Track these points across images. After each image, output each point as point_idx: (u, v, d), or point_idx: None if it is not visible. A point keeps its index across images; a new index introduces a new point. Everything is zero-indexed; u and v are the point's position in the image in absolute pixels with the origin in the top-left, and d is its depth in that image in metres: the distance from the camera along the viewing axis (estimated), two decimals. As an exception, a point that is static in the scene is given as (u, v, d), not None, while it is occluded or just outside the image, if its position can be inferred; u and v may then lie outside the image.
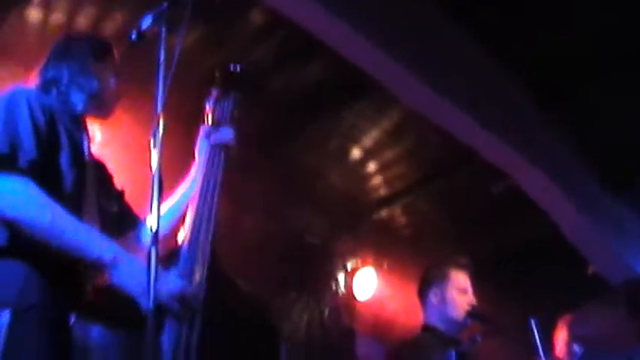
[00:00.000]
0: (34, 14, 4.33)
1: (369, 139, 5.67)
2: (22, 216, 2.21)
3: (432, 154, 5.86)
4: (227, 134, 2.70)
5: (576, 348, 4.86)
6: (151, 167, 2.10)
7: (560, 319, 4.59)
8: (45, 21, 4.36)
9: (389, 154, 5.86)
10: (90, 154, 2.61)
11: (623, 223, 6.13)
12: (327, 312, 6.32)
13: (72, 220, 2.26)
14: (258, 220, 5.84)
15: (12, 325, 2.11)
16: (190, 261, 2.34)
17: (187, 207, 2.65)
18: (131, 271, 2.20)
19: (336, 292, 6.43)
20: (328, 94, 5.13)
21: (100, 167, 2.75)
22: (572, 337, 3.54)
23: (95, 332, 2.25)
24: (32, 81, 2.67)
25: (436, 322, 3.89)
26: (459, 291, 3.89)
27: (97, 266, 2.24)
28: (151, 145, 2.13)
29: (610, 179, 5.90)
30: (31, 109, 2.36)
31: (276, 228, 5.95)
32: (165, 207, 2.60)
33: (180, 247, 2.44)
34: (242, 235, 5.74)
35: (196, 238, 2.39)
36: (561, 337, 4.73)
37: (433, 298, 3.90)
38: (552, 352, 5.15)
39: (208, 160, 2.65)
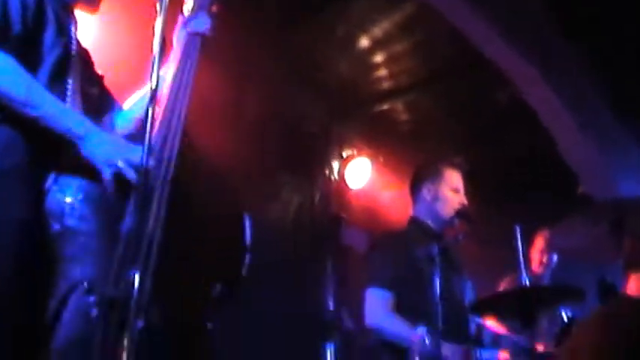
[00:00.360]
0: None
1: (379, 29, 5.58)
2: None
3: (442, 52, 5.81)
4: (204, 23, 2.70)
5: (553, 257, 5.02)
6: (154, 30, 2.13)
7: (538, 233, 4.71)
8: None
9: (397, 47, 5.79)
10: (75, 39, 2.61)
11: (619, 147, 6.15)
12: (317, 197, 6.40)
13: (48, 95, 2.32)
14: (260, 101, 5.84)
15: None
16: (160, 142, 2.33)
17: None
18: (99, 143, 2.29)
19: (329, 178, 6.48)
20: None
21: (83, 52, 2.74)
22: (553, 248, 3.64)
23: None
24: None
25: (424, 217, 4.04)
26: (452, 190, 4.01)
27: (68, 139, 2.30)
28: (157, 8, 2.17)
29: (618, 103, 5.87)
30: None
31: (277, 110, 5.96)
32: (141, 92, 2.70)
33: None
34: (243, 114, 5.76)
35: (169, 121, 2.39)
36: (537, 249, 4.86)
37: (426, 193, 4.03)
38: (529, 267, 5.32)
39: (184, 47, 2.64)
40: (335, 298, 5.55)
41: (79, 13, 2.71)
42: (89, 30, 3.20)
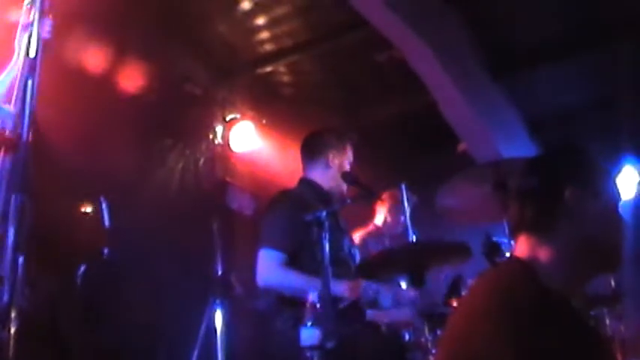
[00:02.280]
0: None
1: (261, -9, 5.54)
2: None
3: (323, 15, 5.82)
4: (43, 27, 2.68)
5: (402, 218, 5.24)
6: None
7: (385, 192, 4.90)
8: None
9: (279, 10, 5.76)
10: None
11: (498, 109, 6.38)
12: (202, 161, 6.35)
13: None
14: (137, 64, 5.70)
15: None
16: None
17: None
18: None
19: (213, 142, 6.43)
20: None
21: None
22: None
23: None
24: None
25: (318, 179, 4.14)
26: (349, 162, 4.17)
27: None
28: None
29: (493, 64, 6.08)
30: None
31: (156, 73, 5.83)
32: None
33: None
34: (122, 73, 5.61)
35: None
36: (384, 207, 5.05)
37: (330, 160, 4.14)
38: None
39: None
40: (223, 261, 5.58)
41: None
42: None
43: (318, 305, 3.10)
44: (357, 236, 5.33)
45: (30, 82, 2.24)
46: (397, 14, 5.21)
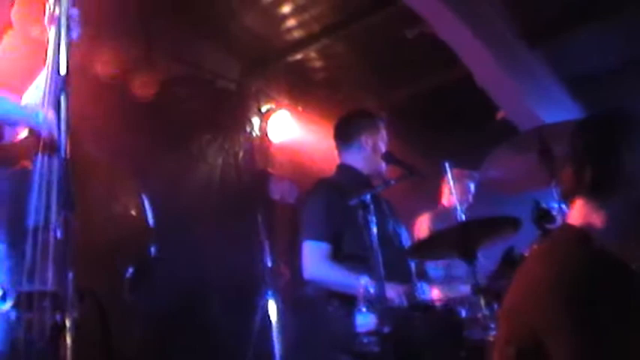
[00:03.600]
0: None
1: (284, -19, 5.53)
2: None
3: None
4: (72, 16, 2.71)
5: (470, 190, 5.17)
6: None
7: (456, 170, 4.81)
8: None
9: (304, -4, 5.74)
10: None
11: (539, 76, 6.26)
12: (241, 154, 6.35)
13: None
14: (169, 62, 5.72)
15: None
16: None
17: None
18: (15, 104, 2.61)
19: (251, 134, 6.43)
20: None
21: None
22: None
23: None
24: None
25: (357, 164, 4.09)
26: (383, 142, 4.10)
27: None
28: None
29: (532, 33, 5.96)
30: None
31: (189, 70, 5.86)
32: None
33: None
34: (154, 74, 5.63)
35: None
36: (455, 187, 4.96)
37: (364, 143, 4.09)
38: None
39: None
40: (269, 251, 5.59)
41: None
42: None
43: (370, 290, 3.08)
44: (426, 219, 5.27)
45: (62, 99, 2.24)
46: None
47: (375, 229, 3.26)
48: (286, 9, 5.83)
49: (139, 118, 5.08)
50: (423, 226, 5.22)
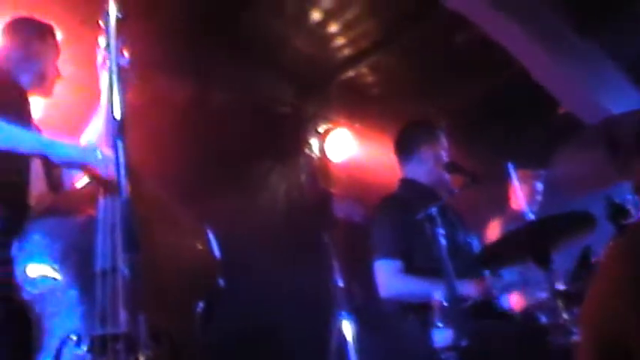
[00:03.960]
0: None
1: (328, -1, 5.52)
2: None
3: (394, 8, 5.74)
4: (122, 64, 2.73)
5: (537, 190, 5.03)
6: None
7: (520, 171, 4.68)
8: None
9: (350, 13, 5.71)
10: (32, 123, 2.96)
11: (595, 65, 6.09)
12: (303, 177, 6.36)
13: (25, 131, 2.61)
14: (224, 94, 5.78)
15: None
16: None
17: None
18: (71, 147, 2.65)
19: (310, 156, 6.42)
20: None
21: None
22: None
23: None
24: None
25: (419, 177, 4.05)
26: (445, 151, 4.06)
27: (40, 154, 2.61)
28: (102, 25, 2.43)
29: (582, 21, 5.82)
30: None
31: (244, 99, 5.90)
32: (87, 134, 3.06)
33: None
34: (211, 110, 5.71)
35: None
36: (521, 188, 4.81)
37: (424, 155, 4.05)
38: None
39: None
40: (339, 272, 5.55)
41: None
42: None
43: (445, 304, 3.02)
44: (497, 225, 5.16)
45: (119, 144, 2.29)
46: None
47: (444, 241, 3.21)
48: (333, 28, 5.82)
49: (198, 151, 5.14)
50: (494, 232, 5.11)
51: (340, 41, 6.00)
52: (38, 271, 2.42)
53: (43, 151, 2.59)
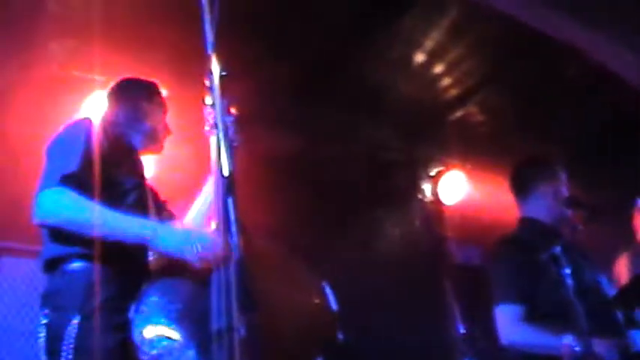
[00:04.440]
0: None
1: (431, 40, 5.46)
2: (62, 217, 2.59)
3: (498, 44, 5.63)
4: (228, 124, 2.72)
5: None
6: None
7: None
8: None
9: (454, 53, 5.65)
10: (145, 182, 3.05)
11: None
12: (417, 222, 6.28)
13: (110, 212, 2.61)
14: (332, 144, 5.80)
15: (81, 327, 2.50)
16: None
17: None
18: (170, 235, 2.62)
19: (423, 201, 6.35)
20: (379, 5, 4.96)
21: (152, 191, 3.17)
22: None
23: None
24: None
25: (538, 215, 3.87)
26: (564, 186, 3.89)
27: (141, 242, 2.62)
28: (207, 84, 2.41)
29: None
30: (88, 137, 2.74)
31: (352, 147, 5.90)
32: (194, 208, 3.14)
33: None
34: (319, 161, 5.73)
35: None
36: None
37: (544, 193, 3.87)
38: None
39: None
40: (461, 318, 5.40)
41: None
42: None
43: (576, 349, 2.85)
44: (624, 260, 4.91)
45: (230, 202, 2.27)
46: (576, 20, 4.94)
47: (571, 282, 3.05)
48: (438, 68, 5.76)
49: (308, 204, 5.14)
50: (622, 268, 4.85)
51: (446, 81, 5.93)
52: (155, 332, 2.43)
53: (144, 242, 2.64)
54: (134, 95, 3.21)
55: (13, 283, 4.35)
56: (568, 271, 3.07)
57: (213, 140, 2.79)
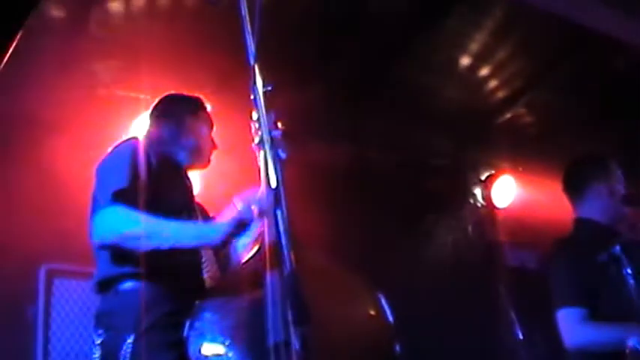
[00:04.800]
0: (115, 5, 4.39)
1: (476, 43, 5.40)
2: (120, 234, 2.57)
3: (544, 43, 5.54)
4: (275, 138, 2.69)
5: None
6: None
7: None
8: (127, 9, 4.42)
9: (500, 54, 5.58)
10: (193, 199, 3.05)
11: None
12: (470, 227, 6.22)
13: (164, 221, 2.59)
14: (382, 152, 5.79)
15: (136, 345, 2.52)
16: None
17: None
18: (227, 222, 2.61)
19: (475, 205, 6.30)
20: (424, 8, 4.93)
21: (201, 207, 3.16)
22: None
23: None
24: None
25: (594, 215, 3.78)
26: (621, 184, 3.79)
27: (203, 244, 2.67)
28: (252, 97, 2.38)
29: None
30: (135, 155, 2.74)
31: (402, 156, 5.87)
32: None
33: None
34: (369, 170, 5.71)
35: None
36: None
37: (599, 191, 3.78)
38: None
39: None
40: (518, 322, 5.32)
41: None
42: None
43: (640, 350, 2.77)
44: None
45: (279, 214, 2.25)
46: (619, 12, 4.85)
47: (632, 282, 2.97)
48: (485, 71, 5.69)
49: (359, 214, 5.13)
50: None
51: (493, 84, 5.86)
52: (211, 349, 2.41)
53: (201, 242, 2.66)
54: (178, 111, 3.21)
55: (66, 304, 4.39)
56: (629, 270, 3.00)
57: (260, 154, 2.79)
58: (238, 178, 4.27)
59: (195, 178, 3.32)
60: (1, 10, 2.17)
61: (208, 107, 3.33)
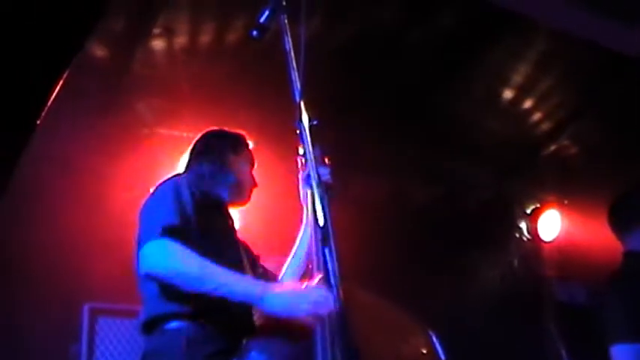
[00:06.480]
0: (158, 43, 4.41)
1: (519, 75, 5.35)
2: (171, 269, 2.53)
3: (588, 73, 5.48)
4: (323, 174, 2.63)
5: None
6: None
7: None
8: (170, 47, 4.44)
9: (543, 86, 5.52)
10: (237, 236, 3.04)
11: None
12: (516, 262, 6.12)
13: (219, 268, 2.55)
14: (423, 186, 5.73)
15: None
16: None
17: (307, 253, 2.97)
18: (279, 297, 2.52)
19: (521, 239, 6.20)
20: (465, 40, 4.91)
21: (244, 245, 3.12)
22: None
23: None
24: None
25: None
26: None
27: (249, 302, 2.58)
28: (298, 133, 2.38)
29: None
30: (179, 192, 2.73)
31: (443, 189, 5.81)
32: (291, 263, 3.11)
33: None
34: (411, 204, 5.66)
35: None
36: None
37: None
38: None
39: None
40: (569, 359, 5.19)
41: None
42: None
43: None
44: None
45: (327, 252, 2.23)
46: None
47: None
48: (528, 104, 5.63)
49: (403, 249, 5.07)
50: None
51: (537, 116, 5.78)
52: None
53: (250, 301, 2.58)
54: (219, 148, 3.18)
55: (110, 344, 4.37)
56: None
57: (306, 190, 2.75)
58: (280, 216, 4.24)
59: (235, 215, 3.30)
60: (50, 49, 2.18)
61: (250, 144, 3.30)
